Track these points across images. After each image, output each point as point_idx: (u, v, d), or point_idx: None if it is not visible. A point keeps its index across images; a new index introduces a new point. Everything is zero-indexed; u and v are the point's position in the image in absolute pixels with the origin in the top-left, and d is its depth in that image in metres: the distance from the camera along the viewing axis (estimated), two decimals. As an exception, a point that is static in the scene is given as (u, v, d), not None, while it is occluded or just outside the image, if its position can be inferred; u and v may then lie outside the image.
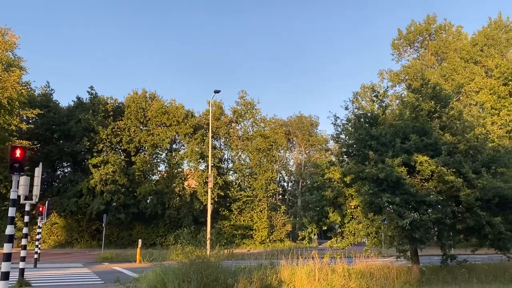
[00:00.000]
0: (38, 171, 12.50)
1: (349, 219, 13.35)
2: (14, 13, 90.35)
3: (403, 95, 19.12)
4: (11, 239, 8.23)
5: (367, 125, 14.57)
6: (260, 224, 41.95)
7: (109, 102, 42.38)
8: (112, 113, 41.55)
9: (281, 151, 55.15)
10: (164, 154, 43.47)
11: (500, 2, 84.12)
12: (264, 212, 42.33)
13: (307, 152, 60.74)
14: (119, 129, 40.20)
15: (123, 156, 40.71)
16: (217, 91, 29.43)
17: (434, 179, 12.77)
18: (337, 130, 15.53)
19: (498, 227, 12.36)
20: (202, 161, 41.90)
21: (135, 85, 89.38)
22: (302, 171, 49.89)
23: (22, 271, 12.74)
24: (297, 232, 15.62)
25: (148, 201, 39.77)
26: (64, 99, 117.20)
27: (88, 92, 42.36)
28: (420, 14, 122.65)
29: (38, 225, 21.94)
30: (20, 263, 12.79)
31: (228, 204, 42.80)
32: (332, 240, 14.37)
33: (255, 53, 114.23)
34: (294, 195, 54.02)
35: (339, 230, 13.82)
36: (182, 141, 43.71)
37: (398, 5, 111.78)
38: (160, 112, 41.52)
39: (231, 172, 46.04)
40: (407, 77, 47.92)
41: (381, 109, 15.12)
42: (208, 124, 36.61)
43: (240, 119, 46.26)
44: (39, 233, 21.33)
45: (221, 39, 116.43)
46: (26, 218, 13.16)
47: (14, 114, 31.04)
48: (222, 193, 40.48)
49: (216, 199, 39.50)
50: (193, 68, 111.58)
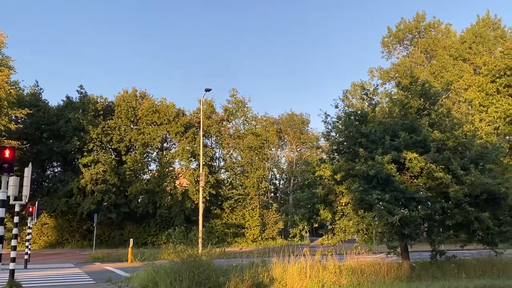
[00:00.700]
0: (27, 171, 12.39)
1: (340, 216, 13.45)
2: (0, 11, 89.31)
3: (392, 92, 19.26)
4: (0, 240, 8.18)
5: (357, 122, 14.68)
6: (252, 222, 42.03)
7: (99, 101, 42.08)
8: (102, 112, 41.26)
9: (272, 149, 55.30)
10: (155, 153, 43.36)
11: (487, 0, 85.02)
12: (256, 210, 42.43)
13: (298, 149, 60.95)
14: (109, 128, 39.98)
15: (113, 156, 40.50)
16: (208, 90, 29.35)
17: (423, 175, 12.91)
18: (328, 128, 15.65)
19: (486, 222, 12.52)
20: (194, 159, 41.82)
21: (125, 84, 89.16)
22: (294, 169, 50.08)
23: (12, 272, 12.62)
24: (289, 230, 15.69)
25: (139, 200, 39.63)
26: (54, 98, 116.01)
27: (78, 91, 42.14)
28: (410, 12, 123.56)
29: (28, 225, 21.78)
30: (10, 264, 12.66)
31: (220, 203, 42.81)
32: (323, 237, 14.49)
33: (246, 51, 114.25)
34: (285, 192, 54.20)
35: (330, 227, 13.92)
36: (173, 140, 43.61)
37: (388, 4, 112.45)
38: (151, 111, 41.37)
39: (222, 170, 46.05)
40: (397, 74, 48.25)
41: (371, 107, 15.24)
42: (199, 123, 36.60)
43: (232, 117, 46.28)
44: (29, 233, 21.19)
45: (211, 37, 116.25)
46: (16, 219, 13.07)
47: (2, 114, 30.71)
48: (214, 192, 40.45)
49: (208, 198, 39.46)
50: (184, 66, 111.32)
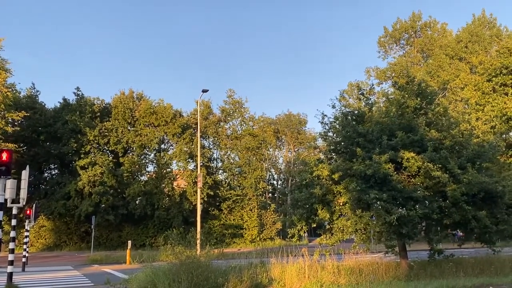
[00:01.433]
0: (25, 174, 12.35)
1: (337, 216, 13.46)
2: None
3: (389, 92, 19.30)
4: (-2, 243, 8.16)
5: (354, 122, 14.71)
6: (250, 222, 42.04)
7: (96, 103, 42.00)
8: (99, 114, 41.20)
9: (270, 150, 55.35)
10: (152, 155, 43.32)
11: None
12: (254, 211, 42.44)
13: (296, 150, 60.97)
14: (106, 130, 39.92)
15: (111, 157, 40.43)
16: (205, 91, 29.37)
17: (421, 175, 12.94)
18: (325, 128, 15.66)
19: (484, 221, 12.57)
20: (191, 160, 41.82)
21: (122, 85, 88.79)
22: (291, 169, 50.12)
23: (10, 275, 12.59)
24: (287, 230, 15.72)
25: (137, 202, 39.59)
26: (50, 100, 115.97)
27: (74, 93, 42.05)
28: (406, 11, 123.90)
29: (26, 228, 21.72)
30: (8, 267, 12.63)
31: (218, 204, 42.82)
32: (322, 237, 14.50)
33: (243, 52, 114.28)
34: (283, 193, 54.21)
35: (328, 227, 13.93)
36: (170, 141, 43.57)
37: (385, 3, 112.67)
38: (148, 112, 41.33)
39: (220, 171, 46.08)
40: (393, 74, 48.38)
41: (368, 106, 15.28)
42: (196, 124, 36.58)
43: (229, 118, 46.32)
44: (26, 236, 21.11)
45: (208, 38, 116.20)
46: (14, 222, 13.03)
47: (-1, 116, 30.66)
48: (212, 193, 40.44)
49: (206, 199, 39.45)
50: (181, 67, 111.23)
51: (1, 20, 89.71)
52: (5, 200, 9.18)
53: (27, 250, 20.76)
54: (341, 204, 13.47)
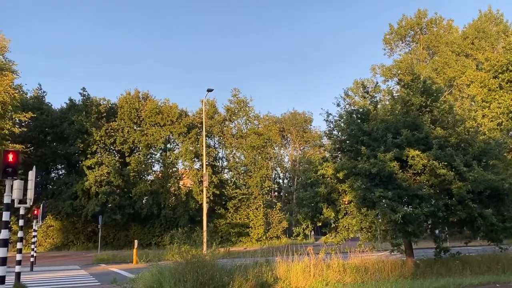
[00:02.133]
0: (31, 174, 12.47)
1: (343, 214, 13.46)
2: (1, 14, 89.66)
3: (394, 90, 19.24)
4: (5, 243, 8.26)
5: (359, 121, 14.70)
6: (256, 221, 42.08)
7: (101, 103, 42.20)
8: (105, 114, 41.42)
9: (275, 148, 55.34)
10: (158, 154, 43.47)
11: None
12: (260, 210, 42.48)
13: (301, 148, 60.94)
14: (112, 130, 40.12)
15: (117, 157, 40.63)
16: (210, 90, 29.40)
17: (426, 173, 12.90)
18: (330, 127, 15.65)
19: (490, 218, 12.50)
20: (197, 160, 41.93)
21: (127, 85, 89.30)
22: (297, 168, 50.10)
23: (18, 274, 12.75)
24: (293, 229, 15.73)
25: (143, 201, 39.77)
26: (57, 101, 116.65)
27: (80, 93, 42.24)
28: (411, 8, 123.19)
29: (34, 228, 21.92)
30: (16, 266, 12.78)
31: (223, 203, 42.91)
32: (327, 235, 14.49)
33: (247, 50, 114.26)
34: (289, 191, 54.23)
35: (333, 225, 13.93)
36: (176, 141, 43.69)
37: (390, 1, 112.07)
38: (154, 112, 41.47)
39: (226, 170, 46.16)
40: (399, 71, 48.19)
41: (373, 104, 15.24)
42: (202, 123, 36.66)
43: (234, 117, 46.36)
44: (34, 236, 21.30)
45: (213, 38, 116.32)
46: (21, 222, 13.16)
47: (6, 118, 30.88)
48: (218, 192, 40.53)
49: (212, 198, 39.55)
50: (186, 67, 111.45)
51: (7, 21, 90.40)
52: (12, 200, 9.26)
53: (35, 250, 20.96)
54: (346, 202, 13.46)
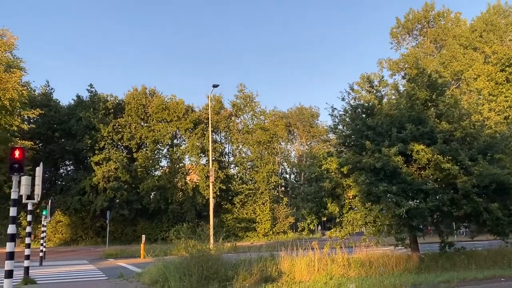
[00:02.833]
0: (38, 170, 12.65)
1: (347, 209, 13.47)
2: (8, 12, 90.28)
3: (401, 84, 19.13)
4: (13, 238, 8.42)
5: (363, 115, 14.67)
6: (262, 216, 42.25)
7: (109, 100, 42.52)
8: (112, 110, 41.73)
9: (282, 143, 55.34)
10: (165, 150, 43.78)
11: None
12: (267, 205, 42.64)
13: (308, 143, 60.85)
14: (120, 126, 40.42)
15: (125, 153, 40.97)
16: (215, 85, 29.44)
17: (431, 167, 12.87)
18: (335, 121, 15.63)
19: (496, 213, 12.44)
20: (203, 155, 42.14)
21: (134, 81, 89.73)
22: (303, 163, 50.06)
23: (27, 269, 12.95)
24: (298, 224, 15.80)
25: (151, 196, 40.09)
26: (64, 97, 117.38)
27: (88, 90, 42.60)
28: (418, 2, 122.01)
29: (43, 223, 22.17)
30: (25, 261, 12.99)
31: (230, 198, 43.11)
32: (332, 230, 14.54)
33: (254, 45, 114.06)
34: (294, 187, 54.25)
35: (337, 220, 13.96)
36: (183, 136, 43.95)
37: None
38: (161, 108, 41.69)
39: (232, 165, 46.34)
40: (406, 65, 47.82)
41: (377, 99, 15.19)
42: (208, 119, 36.77)
43: (240, 113, 46.45)
44: (43, 231, 21.55)
45: (219, 33, 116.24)
46: (29, 217, 13.35)
47: (15, 114, 31.22)
48: (224, 187, 40.74)
49: (218, 193, 39.77)
50: (192, 62, 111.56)
51: (14, 18, 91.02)
52: (20, 196, 9.42)
53: (44, 245, 21.23)
54: (350, 197, 13.47)
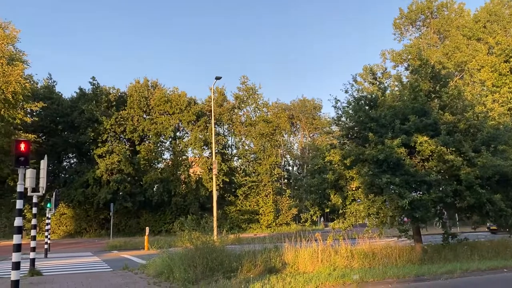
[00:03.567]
0: (43, 163, 12.70)
1: (350, 200, 13.52)
2: (10, 5, 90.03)
3: (404, 75, 19.07)
4: (20, 230, 8.46)
5: (366, 107, 14.67)
6: (266, 208, 42.40)
7: (111, 92, 42.50)
8: (115, 103, 41.71)
9: (284, 135, 55.35)
10: (168, 142, 43.82)
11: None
12: (270, 197, 42.77)
13: (311, 135, 60.87)
14: (122, 119, 40.43)
15: (127, 146, 41.04)
16: (218, 78, 29.32)
17: (434, 158, 12.88)
18: (338, 113, 15.63)
19: (499, 204, 12.48)
20: (206, 148, 42.20)
21: (136, 74, 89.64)
22: (305, 155, 50.12)
23: (33, 261, 13.09)
24: (301, 215, 15.86)
25: (154, 189, 40.20)
26: (67, 90, 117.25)
27: (90, 82, 42.53)
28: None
29: (47, 216, 22.32)
30: (31, 253, 13.11)
31: (233, 190, 43.24)
32: (335, 221, 14.59)
33: (256, 37, 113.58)
34: (297, 179, 54.32)
35: (341, 211, 14.01)
36: (185, 129, 43.97)
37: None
38: (163, 100, 41.67)
39: (235, 158, 46.38)
40: (409, 56, 47.59)
41: (381, 91, 15.16)
42: (210, 111, 36.76)
43: (243, 105, 46.40)
44: (48, 223, 21.69)
45: (221, 24, 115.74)
46: (34, 210, 13.45)
47: (18, 107, 31.30)
48: (227, 179, 40.84)
49: (222, 185, 39.87)
50: (194, 54, 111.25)
51: (16, 11, 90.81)
52: (25, 189, 9.48)
53: (49, 237, 21.38)
54: (353, 189, 13.52)
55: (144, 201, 39.46)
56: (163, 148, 43.43)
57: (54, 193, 21.90)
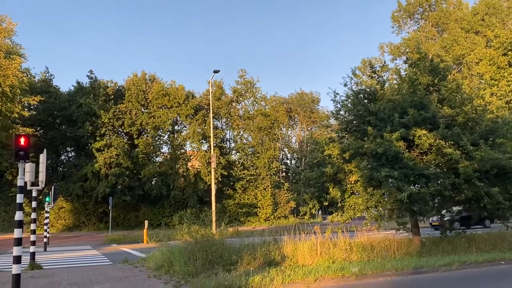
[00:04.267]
0: (42, 157, 12.69)
1: (349, 194, 13.57)
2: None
3: (402, 68, 19.07)
4: (20, 224, 8.47)
5: (365, 101, 14.68)
6: (264, 201, 42.56)
7: (109, 86, 42.35)
8: (112, 96, 41.60)
9: (282, 129, 55.42)
10: (166, 136, 43.81)
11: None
12: (268, 190, 42.91)
13: (309, 129, 60.91)
14: (120, 113, 40.35)
15: (126, 139, 40.99)
16: (216, 71, 29.28)
17: (433, 152, 12.93)
18: (337, 107, 15.64)
19: (497, 197, 12.56)
20: (205, 141, 42.22)
21: (134, 67, 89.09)
22: (304, 148, 50.22)
23: (33, 254, 13.10)
24: (300, 208, 15.93)
25: (152, 182, 40.25)
26: (64, 84, 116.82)
27: (88, 76, 42.37)
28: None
29: (46, 210, 22.33)
30: (31, 247, 13.13)
31: (232, 183, 43.34)
32: (334, 214, 14.65)
33: (254, 31, 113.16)
34: (296, 172, 54.49)
35: (339, 205, 14.07)
36: (183, 123, 43.94)
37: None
38: (161, 94, 41.58)
39: (233, 151, 46.44)
40: (407, 49, 47.56)
41: (379, 84, 15.17)
42: (209, 105, 36.73)
43: (241, 99, 46.34)
44: (47, 217, 21.72)
45: (218, 18, 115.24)
46: (34, 204, 13.45)
47: (16, 101, 31.20)
48: (226, 173, 40.91)
49: (220, 179, 39.93)
50: (192, 48, 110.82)
51: (12, 4, 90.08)
52: (25, 183, 9.49)
53: (48, 231, 21.41)
54: (352, 182, 13.56)
55: (142, 194, 39.52)
56: (161, 142, 43.44)
57: (52, 187, 21.90)
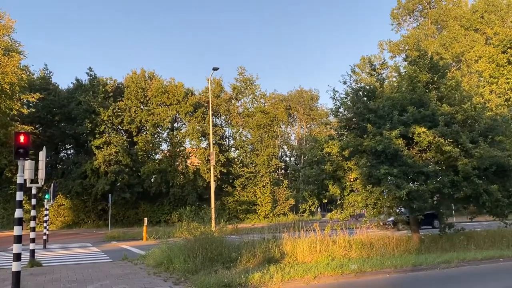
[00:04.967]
0: (42, 154, 12.68)
1: (348, 191, 13.61)
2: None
3: (401, 66, 19.07)
4: (20, 221, 8.48)
5: (365, 98, 14.71)
6: (263, 199, 42.60)
7: (108, 83, 42.30)
8: (112, 94, 41.56)
9: (282, 126, 55.36)
10: (165, 133, 43.83)
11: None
12: (267, 187, 42.94)
13: (308, 126, 60.83)
14: (119, 110, 40.31)
15: (125, 137, 40.91)
16: (215, 68, 29.26)
17: (432, 149, 12.97)
18: (336, 105, 15.64)
19: (496, 194, 12.62)
20: (204, 139, 42.21)
21: (133, 65, 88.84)
22: (303, 146, 50.22)
23: (32, 252, 13.11)
24: (299, 206, 15.96)
25: (152, 180, 40.25)
26: (63, 81, 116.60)
27: (87, 73, 42.32)
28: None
29: (45, 207, 22.33)
30: (30, 244, 13.14)
31: (231, 181, 43.38)
32: (333, 212, 14.70)
33: (253, 28, 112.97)
34: (296, 169, 54.52)
35: (339, 202, 14.11)
36: (183, 120, 43.91)
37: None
38: (160, 91, 41.54)
39: (233, 149, 46.45)
40: (407, 47, 47.57)
41: (379, 82, 15.19)
42: (208, 102, 36.71)
43: (240, 96, 46.35)
44: (46, 215, 21.72)
45: (217, 15, 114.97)
46: (33, 201, 13.45)
47: (15, 99, 31.13)
48: (225, 170, 40.94)
49: (219, 176, 39.97)
50: (191, 45, 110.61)
51: (12, 1, 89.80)
52: (25, 180, 9.49)
53: (47, 228, 21.42)
54: (351, 179, 13.60)
55: (142, 192, 39.54)
56: (160, 139, 43.44)
57: (52, 184, 21.91)
